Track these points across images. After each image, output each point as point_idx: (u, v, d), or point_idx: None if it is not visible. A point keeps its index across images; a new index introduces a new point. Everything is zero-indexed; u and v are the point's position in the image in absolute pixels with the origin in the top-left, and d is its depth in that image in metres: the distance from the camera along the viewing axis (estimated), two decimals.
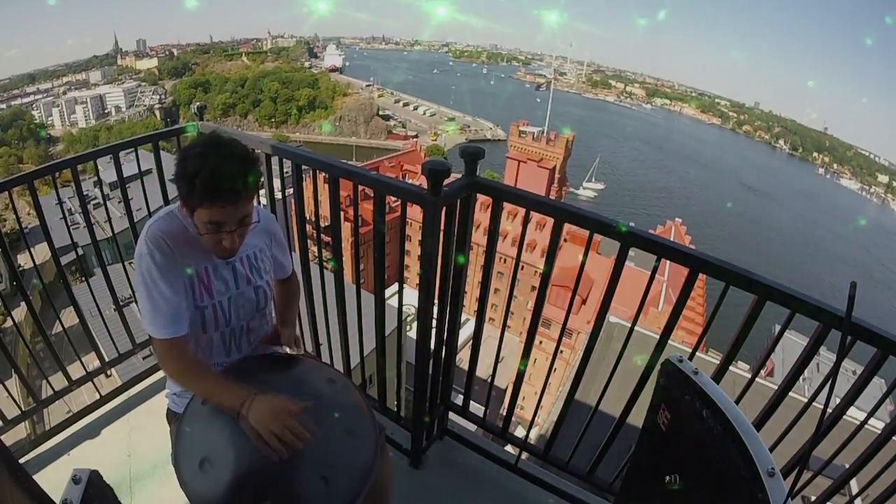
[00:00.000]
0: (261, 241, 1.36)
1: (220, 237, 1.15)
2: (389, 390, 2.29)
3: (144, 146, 2.45)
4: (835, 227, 66.77)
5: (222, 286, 1.27)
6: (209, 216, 1.12)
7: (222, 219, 1.13)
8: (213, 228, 1.14)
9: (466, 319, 2.79)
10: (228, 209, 1.12)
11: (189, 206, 1.13)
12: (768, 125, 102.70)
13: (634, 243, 1.53)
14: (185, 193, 1.11)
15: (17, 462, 1.03)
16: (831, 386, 0.80)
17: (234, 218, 1.14)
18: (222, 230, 1.14)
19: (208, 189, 1.07)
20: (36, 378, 2.76)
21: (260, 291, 1.34)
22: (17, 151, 58.69)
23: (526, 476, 2.12)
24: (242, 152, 1.13)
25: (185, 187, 1.10)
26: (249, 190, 1.13)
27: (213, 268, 1.25)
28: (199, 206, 1.11)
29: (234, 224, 1.15)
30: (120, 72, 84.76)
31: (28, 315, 2.99)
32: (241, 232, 1.18)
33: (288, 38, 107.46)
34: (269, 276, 1.38)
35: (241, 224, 1.16)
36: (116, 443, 2.26)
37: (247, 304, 1.32)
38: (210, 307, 1.25)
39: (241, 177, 1.10)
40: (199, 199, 1.09)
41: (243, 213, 1.15)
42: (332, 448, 1.07)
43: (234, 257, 1.28)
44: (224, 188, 1.09)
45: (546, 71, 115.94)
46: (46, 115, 70.20)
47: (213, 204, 1.10)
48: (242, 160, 1.11)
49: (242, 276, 1.30)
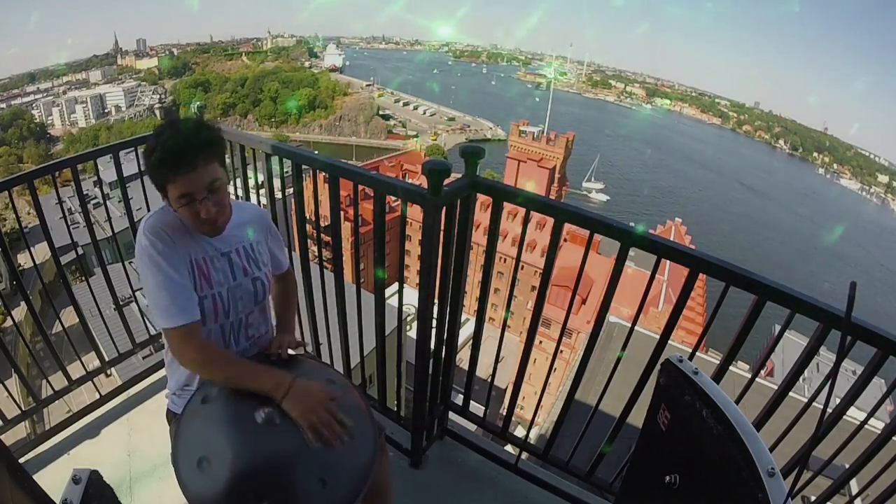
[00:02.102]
0: (257, 235, 1.37)
1: (195, 209, 1.14)
2: (389, 390, 2.29)
3: (144, 146, 2.45)
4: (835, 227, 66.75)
5: (221, 276, 1.26)
6: (176, 190, 1.12)
7: (189, 188, 1.12)
8: (184, 201, 1.13)
9: (466, 319, 2.79)
10: (190, 176, 1.11)
11: (160, 189, 1.16)
12: (768, 125, 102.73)
13: (634, 243, 1.53)
14: (151, 174, 1.14)
15: (17, 462, 1.03)
16: (831, 386, 0.80)
17: (201, 184, 1.13)
18: (194, 200, 1.14)
19: (164, 160, 1.10)
20: (36, 378, 2.76)
21: (258, 283, 1.33)
22: (17, 151, 58.71)
23: (526, 476, 2.12)
24: (195, 122, 1.16)
25: (150, 170, 1.13)
26: (206, 152, 1.13)
27: (209, 259, 1.25)
28: (165, 182, 1.13)
29: (203, 190, 1.14)
30: (120, 71, 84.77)
31: (28, 315, 2.99)
32: (216, 199, 1.16)
33: (288, 38, 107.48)
34: (266, 268, 1.37)
35: (210, 190, 1.15)
36: (116, 443, 2.26)
37: (245, 296, 1.31)
38: (209, 297, 1.24)
39: (193, 141, 1.12)
40: (162, 174, 1.12)
41: (209, 179, 1.14)
42: (330, 449, 1.07)
43: (227, 246, 1.28)
44: (178, 155, 1.10)
45: (546, 71, 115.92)
46: (46, 114, 70.22)
47: (175, 174, 1.11)
48: (194, 128, 1.14)
49: (239, 267, 1.30)
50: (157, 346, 2.62)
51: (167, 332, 1.17)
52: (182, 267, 1.18)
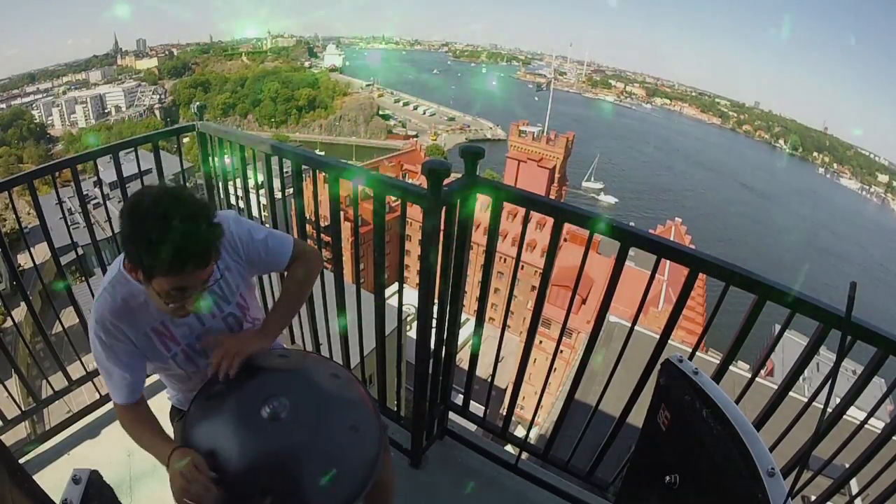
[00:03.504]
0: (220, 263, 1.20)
1: (182, 303, 1.05)
2: (389, 390, 2.29)
3: (144, 146, 2.45)
4: (835, 226, 66.81)
5: (186, 330, 1.22)
6: (173, 283, 1.00)
7: (188, 284, 1.02)
8: (177, 295, 1.03)
9: (466, 319, 2.79)
10: (196, 274, 1.01)
11: (146, 274, 1.00)
12: (768, 125, 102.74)
13: (634, 243, 1.54)
14: (145, 261, 0.96)
15: (17, 462, 1.03)
16: (831, 386, 0.80)
17: (200, 281, 1.04)
18: (187, 296, 1.04)
19: (176, 258, 0.95)
20: (36, 378, 2.76)
21: (230, 318, 1.27)
22: (17, 151, 58.73)
23: (526, 476, 2.12)
24: (205, 208, 1.00)
25: (147, 255, 0.95)
26: (217, 248, 1.03)
27: (170, 317, 1.18)
28: (162, 275, 0.98)
29: (200, 286, 1.05)
30: (120, 72, 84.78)
31: (28, 315, 2.99)
32: (204, 289, 1.08)
33: (288, 38, 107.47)
34: (239, 294, 1.28)
35: (205, 283, 1.07)
36: (116, 443, 2.25)
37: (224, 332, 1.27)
38: (180, 352, 1.23)
39: (212, 239, 1.00)
40: (164, 268, 0.96)
41: (210, 272, 1.05)
42: (335, 444, 1.07)
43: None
44: (194, 255, 0.97)
45: (546, 70, 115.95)
46: (46, 114, 70.24)
47: (182, 273, 0.98)
48: (207, 218, 0.99)
49: (206, 314, 1.23)
50: None
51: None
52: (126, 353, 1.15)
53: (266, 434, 1.05)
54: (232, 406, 1.11)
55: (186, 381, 1.34)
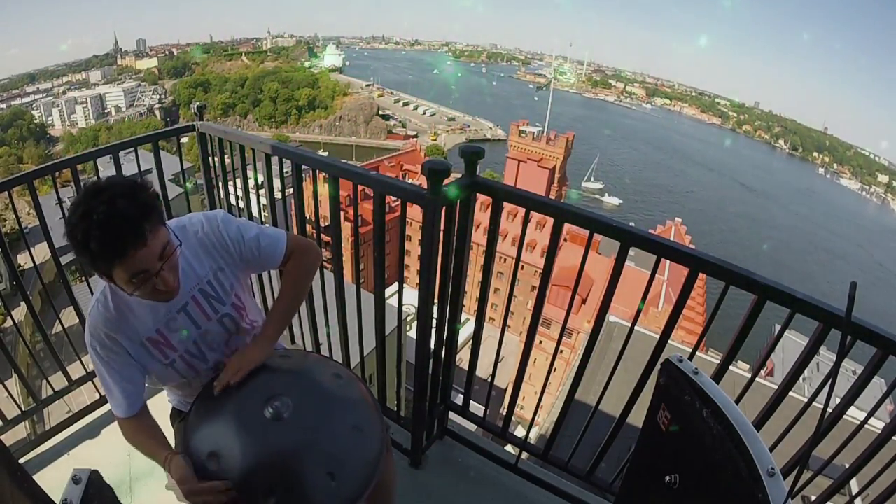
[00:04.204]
0: (207, 264, 1.21)
1: (151, 285, 1.03)
2: (389, 390, 2.29)
3: (144, 146, 2.45)
4: (835, 226, 66.82)
5: (183, 335, 1.21)
6: (127, 271, 0.98)
7: (142, 266, 0.99)
8: (140, 280, 1.01)
9: (466, 319, 2.79)
10: (142, 253, 0.97)
11: (103, 273, 1.00)
12: (768, 125, 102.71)
13: (634, 243, 1.53)
14: (90, 263, 0.96)
15: (17, 462, 1.03)
16: (831, 386, 0.80)
17: (153, 257, 1.00)
18: (150, 277, 1.01)
19: (107, 247, 0.94)
20: (36, 378, 2.76)
21: (226, 319, 1.26)
22: (17, 151, 58.73)
23: (526, 476, 2.12)
24: (124, 186, 0.98)
25: (89, 259, 0.95)
26: (151, 219, 0.98)
27: (165, 324, 1.18)
28: (111, 267, 0.97)
29: (157, 263, 1.01)
30: (120, 72, 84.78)
31: (28, 315, 2.99)
32: (170, 264, 1.05)
33: (288, 38, 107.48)
34: (233, 295, 1.26)
35: (163, 258, 1.02)
36: (116, 443, 2.22)
37: (216, 339, 1.27)
38: (178, 359, 1.23)
39: (135, 213, 0.96)
40: (107, 261, 0.96)
41: (160, 247, 1.01)
42: (338, 444, 1.07)
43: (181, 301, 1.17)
44: (124, 236, 0.94)
45: (546, 70, 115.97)
46: (46, 114, 70.24)
47: (125, 257, 0.96)
48: (127, 195, 0.96)
49: (200, 316, 1.22)
50: None
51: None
52: (124, 364, 1.17)
53: (269, 434, 1.05)
54: (234, 406, 1.11)
55: (186, 388, 1.34)
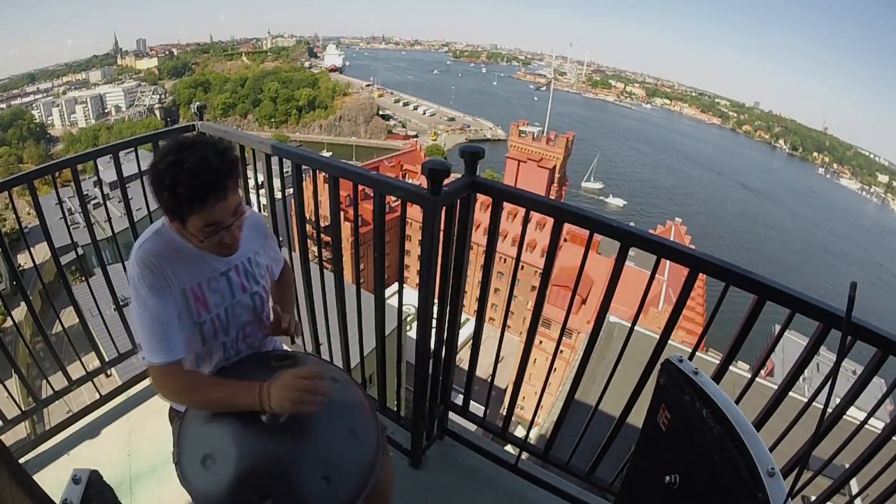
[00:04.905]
0: (254, 244, 1.34)
1: (220, 236, 1.13)
2: (389, 390, 2.29)
3: (144, 146, 2.45)
4: (835, 226, 66.82)
5: (218, 298, 1.25)
6: (204, 220, 1.09)
7: (218, 218, 1.10)
8: (211, 230, 1.11)
9: (466, 319, 2.79)
10: (220, 205, 1.09)
11: (179, 218, 1.10)
12: (768, 125, 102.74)
13: (634, 243, 1.53)
14: (172, 206, 1.07)
15: (17, 462, 1.03)
16: (831, 386, 0.80)
17: (228, 212, 1.12)
18: (220, 229, 1.12)
19: (195, 193, 1.05)
20: (36, 378, 2.76)
21: (256, 297, 1.33)
22: (17, 151, 58.73)
23: (526, 476, 2.12)
24: (214, 144, 1.10)
25: (171, 200, 1.06)
26: (234, 178, 1.11)
27: (206, 281, 1.23)
28: (191, 213, 1.07)
29: (230, 218, 1.13)
30: (120, 72, 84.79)
31: (28, 315, 2.99)
32: (239, 223, 1.16)
33: (288, 38, 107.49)
34: (264, 280, 1.36)
35: (235, 215, 1.14)
36: (116, 443, 2.26)
37: (244, 312, 1.31)
38: (208, 321, 1.24)
39: (223, 168, 1.07)
40: (189, 206, 1.06)
41: (236, 204, 1.13)
42: (334, 447, 1.07)
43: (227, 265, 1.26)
44: (211, 186, 1.06)
45: (546, 71, 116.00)
46: (46, 114, 70.23)
47: (205, 206, 1.07)
48: (217, 152, 1.08)
49: (238, 285, 1.28)
50: None
51: (148, 367, 1.16)
52: (170, 302, 1.15)
53: (265, 437, 1.05)
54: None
55: (198, 363, 1.31)
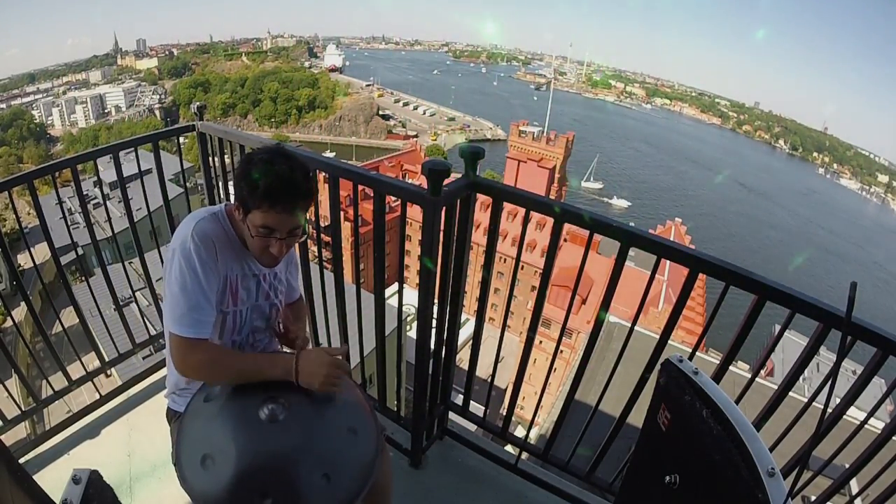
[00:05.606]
0: (283, 263, 1.42)
1: (268, 242, 1.20)
2: (389, 390, 2.29)
3: (144, 146, 2.45)
4: (835, 226, 66.82)
5: (245, 295, 1.31)
6: (264, 220, 1.16)
7: (276, 225, 1.17)
8: (264, 232, 1.18)
9: (466, 319, 2.79)
10: (283, 216, 1.16)
11: (245, 208, 1.17)
12: (768, 125, 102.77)
13: (634, 243, 1.53)
14: (247, 195, 1.15)
15: (17, 462, 1.02)
16: (831, 386, 0.80)
17: (286, 226, 1.19)
18: (272, 235, 1.18)
19: (270, 193, 1.13)
20: (36, 378, 2.76)
21: (273, 308, 1.40)
22: (16, 151, 58.72)
23: (526, 476, 2.12)
24: (305, 166, 1.19)
25: (248, 189, 1.14)
26: (306, 201, 1.19)
27: (241, 277, 1.29)
28: (257, 208, 1.15)
29: (285, 232, 1.19)
30: (120, 72, 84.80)
31: (28, 315, 2.99)
32: (290, 242, 1.23)
33: (288, 38, 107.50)
34: (281, 297, 1.44)
35: (290, 234, 1.21)
36: (116, 443, 2.26)
37: (259, 318, 1.37)
38: (232, 314, 1.29)
39: (303, 188, 1.17)
40: (259, 201, 1.14)
41: (295, 224, 1.20)
42: (334, 445, 1.07)
43: (260, 271, 1.32)
44: (284, 195, 1.14)
45: (546, 71, 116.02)
46: (46, 114, 70.24)
47: (272, 208, 1.14)
48: (305, 174, 1.18)
49: (263, 292, 1.35)
50: (157, 347, 2.62)
51: (174, 337, 1.15)
52: (214, 282, 1.19)
53: (264, 436, 1.05)
54: (230, 407, 1.11)
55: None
